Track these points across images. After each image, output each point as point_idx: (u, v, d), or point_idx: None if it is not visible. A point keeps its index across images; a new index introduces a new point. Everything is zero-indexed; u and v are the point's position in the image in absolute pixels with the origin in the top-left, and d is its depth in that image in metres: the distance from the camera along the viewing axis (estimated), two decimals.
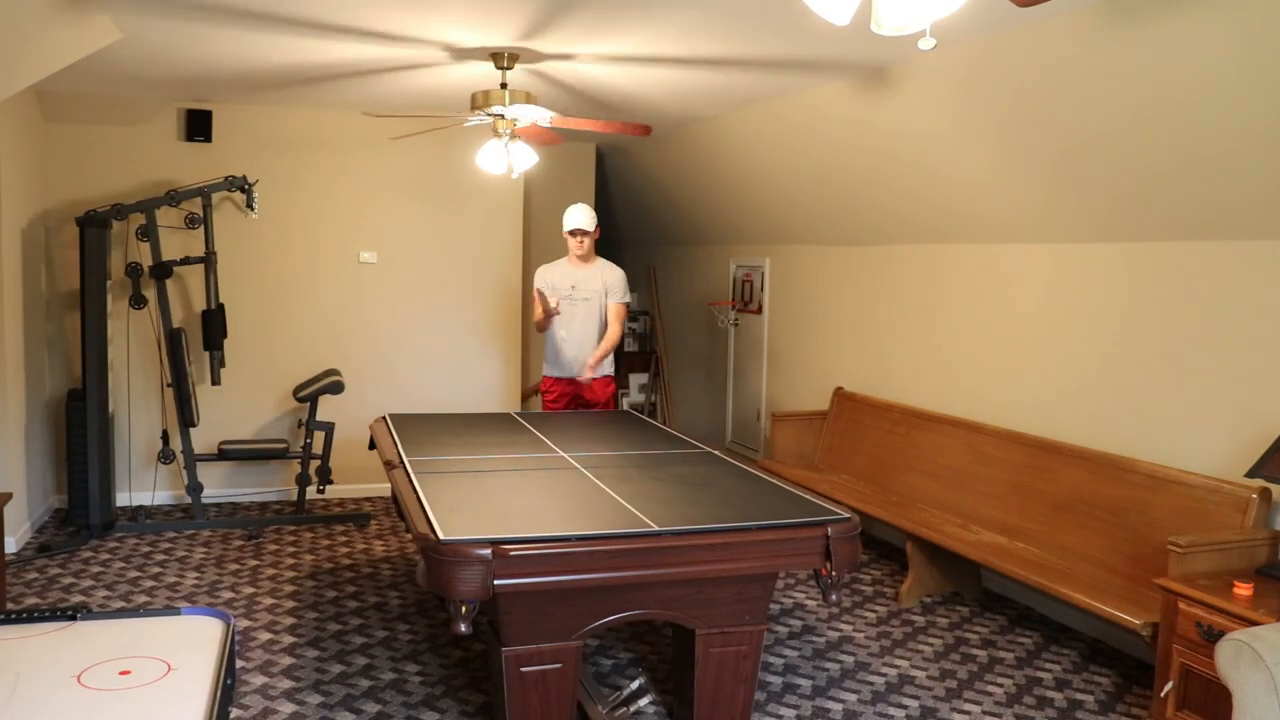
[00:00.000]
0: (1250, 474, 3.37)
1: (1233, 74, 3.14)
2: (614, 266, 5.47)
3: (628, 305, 5.47)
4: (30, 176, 5.53)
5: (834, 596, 3.08)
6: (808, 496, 3.37)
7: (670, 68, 4.62)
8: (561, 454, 3.99)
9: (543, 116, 4.55)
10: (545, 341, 5.44)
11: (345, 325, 6.42)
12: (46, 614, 2.41)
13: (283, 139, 6.17)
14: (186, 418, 5.63)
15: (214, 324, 5.72)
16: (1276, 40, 2.94)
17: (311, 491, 6.04)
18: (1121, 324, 4.13)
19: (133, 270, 5.76)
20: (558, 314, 5.26)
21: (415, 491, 3.26)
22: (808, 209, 6.07)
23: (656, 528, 2.93)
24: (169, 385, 5.71)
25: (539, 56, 4.42)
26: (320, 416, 5.89)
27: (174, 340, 5.59)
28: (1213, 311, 3.74)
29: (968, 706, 3.59)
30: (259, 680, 3.67)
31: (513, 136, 4.62)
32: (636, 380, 8.41)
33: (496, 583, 2.68)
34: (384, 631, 4.17)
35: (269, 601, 4.51)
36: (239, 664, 3.78)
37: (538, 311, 5.23)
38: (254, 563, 5.08)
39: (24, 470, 5.27)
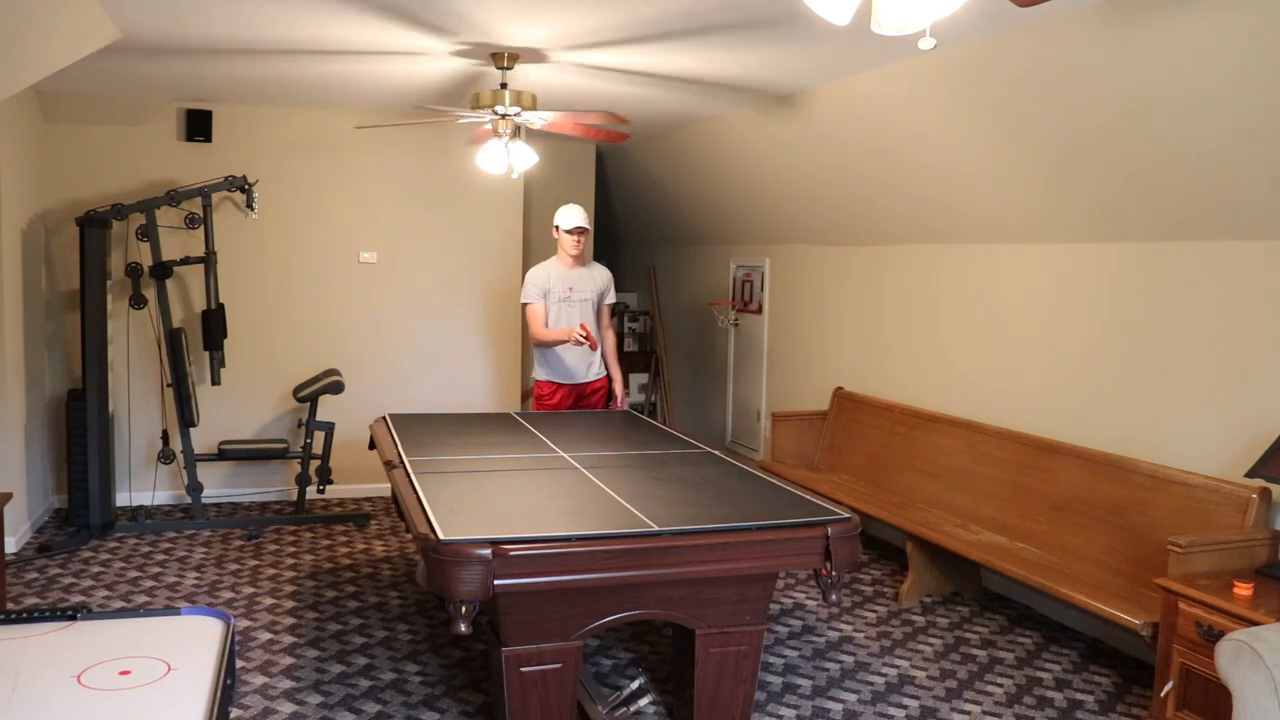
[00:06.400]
0: (1250, 474, 3.37)
1: (1229, 74, 3.14)
2: (603, 266, 5.48)
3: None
4: (30, 176, 5.53)
5: (834, 596, 3.08)
6: (808, 496, 3.37)
7: (670, 71, 4.62)
8: (561, 454, 3.99)
9: (540, 119, 4.55)
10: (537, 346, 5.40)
11: (345, 325, 6.42)
12: (46, 614, 2.40)
13: (283, 139, 6.17)
14: (186, 418, 5.63)
15: (214, 324, 5.72)
16: (1272, 40, 2.95)
17: (311, 491, 6.05)
18: (1122, 324, 4.14)
19: (133, 270, 5.76)
20: (595, 348, 5.20)
21: (415, 491, 3.26)
22: (808, 209, 6.07)
23: (656, 528, 2.93)
24: (169, 385, 5.71)
25: (539, 57, 4.42)
26: (320, 416, 5.89)
27: (174, 340, 5.59)
28: (1213, 311, 3.75)
29: (968, 706, 3.59)
30: (259, 680, 3.67)
31: (512, 134, 4.61)
32: (636, 380, 8.40)
33: (496, 583, 2.68)
34: (384, 631, 4.17)
35: (269, 601, 4.51)
36: (239, 664, 3.78)
37: (567, 334, 5.10)
38: (254, 563, 5.08)
39: (24, 470, 5.27)
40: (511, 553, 2.70)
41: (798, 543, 3.01)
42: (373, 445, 4.46)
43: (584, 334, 5.04)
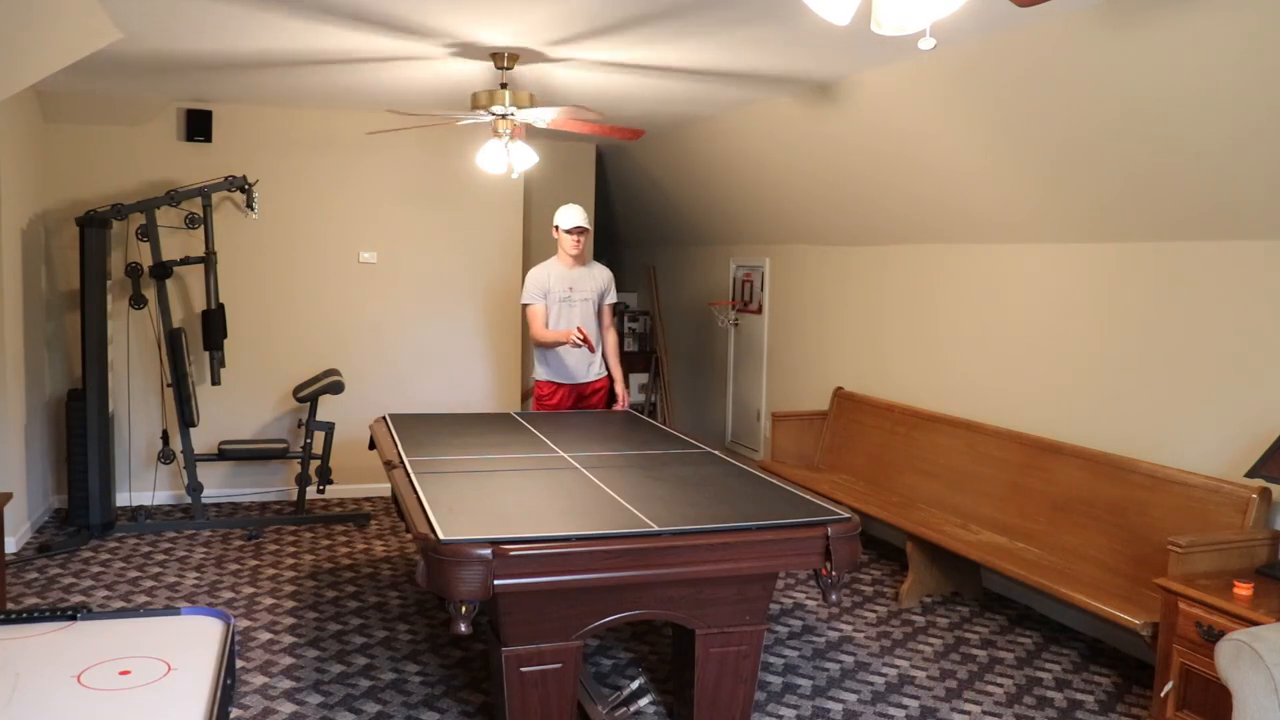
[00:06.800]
0: (1250, 474, 3.37)
1: (1229, 74, 3.14)
2: (603, 266, 5.48)
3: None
4: (30, 176, 5.53)
5: (834, 596, 3.08)
6: (808, 496, 3.37)
7: (670, 72, 4.62)
8: (561, 454, 3.99)
9: (542, 118, 4.55)
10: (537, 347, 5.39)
11: (345, 325, 6.42)
12: (46, 614, 2.40)
13: (283, 139, 6.17)
14: (186, 418, 5.63)
15: (214, 324, 5.72)
16: (1272, 41, 2.95)
17: (311, 491, 6.04)
18: (1122, 324, 4.14)
19: (133, 270, 5.76)
20: (593, 350, 5.20)
21: (415, 491, 3.26)
22: (808, 209, 6.07)
23: (656, 528, 2.93)
24: (169, 385, 5.71)
25: (539, 57, 4.42)
26: (320, 416, 5.89)
27: (174, 340, 5.59)
28: (1213, 311, 3.75)
29: (968, 706, 3.59)
30: (259, 680, 3.67)
31: (514, 132, 4.61)
32: (636, 380, 8.40)
33: (496, 583, 2.68)
34: (384, 631, 4.17)
35: (269, 601, 4.51)
36: (239, 664, 3.78)
37: (566, 335, 5.07)
38: (254, 563, 5.08)
39: (24, 470, 5.27)
40: (511, 553, 2.70)
41: (798, 543, 3.01)
42: (373, 445, 4.46)
43: (580, 337, 5.03)
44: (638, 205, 8.54)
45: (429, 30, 4.01)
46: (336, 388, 5.86)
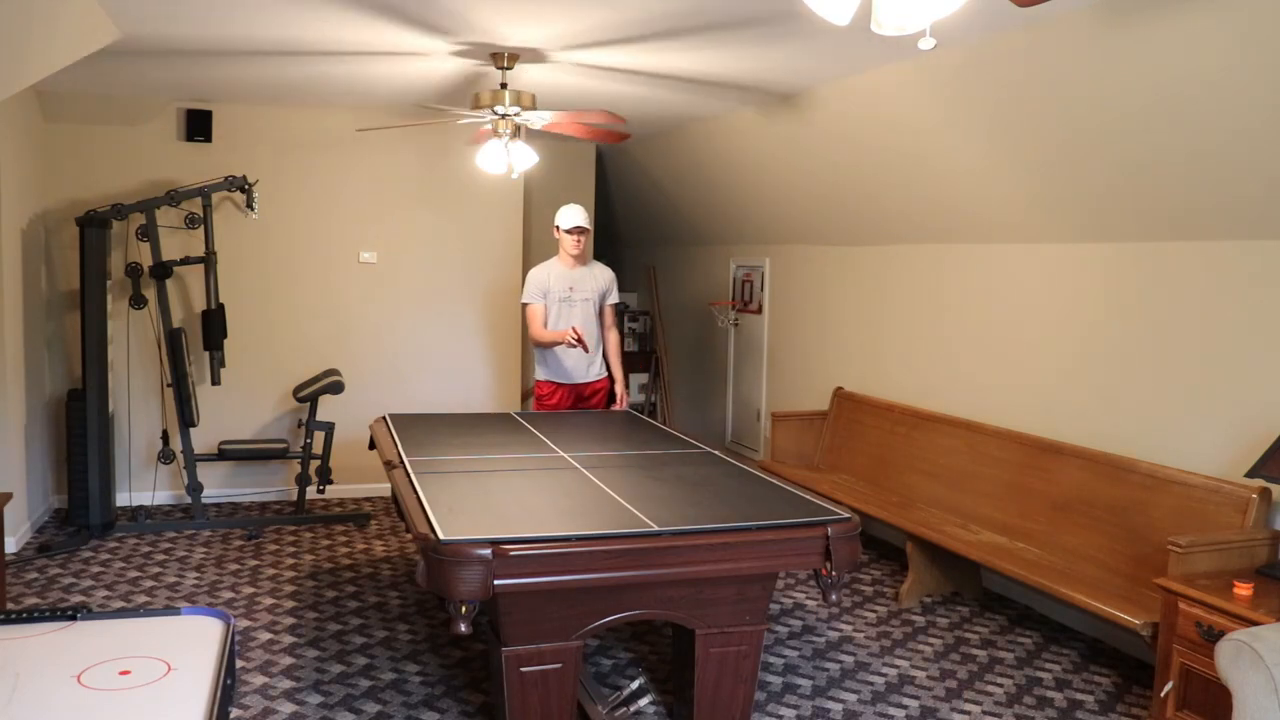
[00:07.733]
0: (1250, 474, 3.37)
1: (1228, 74, 3.14)
2: (605, 266, 5.46)
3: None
4: (30, 176, 5.53)
5: (834, 596, 3.08)
6: (808, 496, 3.37)
7: (671, 79, 4.62)
8: (561, 454, 3.99)
9: (541, 119, 4.55)
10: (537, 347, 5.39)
11: (345, 325, 6.42)
12: (46, 614, 2.40)
13: (283, 139, 6.17)
14: (186, 418, 5.63)
15: (214, 324, 5.72)
16: (1270, 41, 2.95)
17: (311, 491, 6.04)
18: (1122, 324, 4.14)
19: (133, 270, 5.76)
20: (587, 351, 5.17)
21: (415, 491, 3.26)
22: (808, 209, 6.07)
23: (656, 528, 2.93)
24: (169, 385, 5.71)
25: (539, 57, 4.42)
26: (320, 416, 5.89)
27: (174, 340, 5.59)
28: (1213, 311, 3.75)
29: (968, 706, 3.59)
30: (259, 680, 3.67)
31: (512, 134, 4.61)
32: (636, 380, 8.40)
33: (496, 583, 2.68)
34: (384, 631, 4.17)
35: (269, 601, 4.51)
36: (239, 664, 3.78)
37: (562, 336, 5.04)
38: (254, 563, 5.08)
39: (24, 470, 5.27)
40: (511, 553, 2.70)
41: (798, 543, 3.01)
42: (373, 445, 4.46)
43: (576, 337, 5.03)
44: (638, 205, 8.54)
45: (436, 26, 4.00)
46: (336, 388, 5.86)
